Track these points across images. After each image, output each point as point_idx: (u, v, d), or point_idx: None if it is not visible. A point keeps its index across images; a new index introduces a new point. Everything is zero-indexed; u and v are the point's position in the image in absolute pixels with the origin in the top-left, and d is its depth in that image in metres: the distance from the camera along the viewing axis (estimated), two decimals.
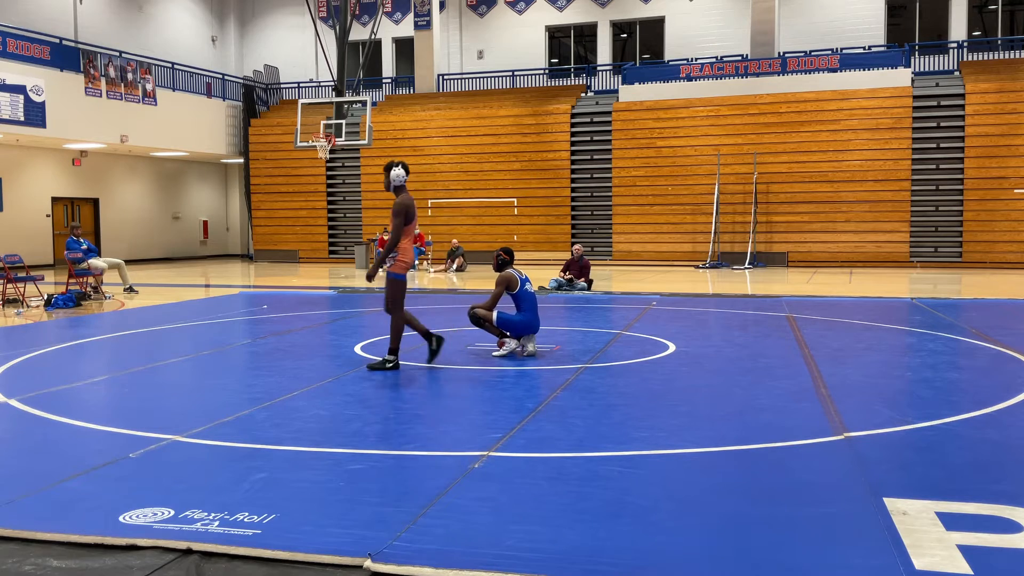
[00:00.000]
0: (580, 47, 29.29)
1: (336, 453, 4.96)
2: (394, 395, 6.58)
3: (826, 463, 4.69)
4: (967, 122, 21.62)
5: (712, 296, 14.88)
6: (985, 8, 25.59)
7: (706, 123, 23.56)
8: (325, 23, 27.68)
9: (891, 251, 21.98)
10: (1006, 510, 3.83)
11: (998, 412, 5.81)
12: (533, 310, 8.30)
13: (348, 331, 10.81)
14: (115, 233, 27.02)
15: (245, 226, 31.14)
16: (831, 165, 22.46)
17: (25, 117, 20.65)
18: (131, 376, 7.57)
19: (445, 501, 4.02)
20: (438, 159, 25.61)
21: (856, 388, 6.67)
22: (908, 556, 3.34)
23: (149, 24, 28.36)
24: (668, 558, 3.39)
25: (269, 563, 3.38)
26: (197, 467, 4.71)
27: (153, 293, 15.78)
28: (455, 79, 28.69)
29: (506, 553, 3.40)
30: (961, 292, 15.35)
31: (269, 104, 29.74)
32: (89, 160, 26.20)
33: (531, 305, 8.30)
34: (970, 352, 8.61)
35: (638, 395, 6.59)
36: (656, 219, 23.73)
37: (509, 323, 8.24)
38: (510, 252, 8.54)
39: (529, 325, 8.27)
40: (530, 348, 8.26)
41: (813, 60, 23.46)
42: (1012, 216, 21.17)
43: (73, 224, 18.91)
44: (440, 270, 21.99)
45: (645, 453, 4.89)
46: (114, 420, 5.79)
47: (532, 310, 8.29)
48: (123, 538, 3.58)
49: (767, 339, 9.48)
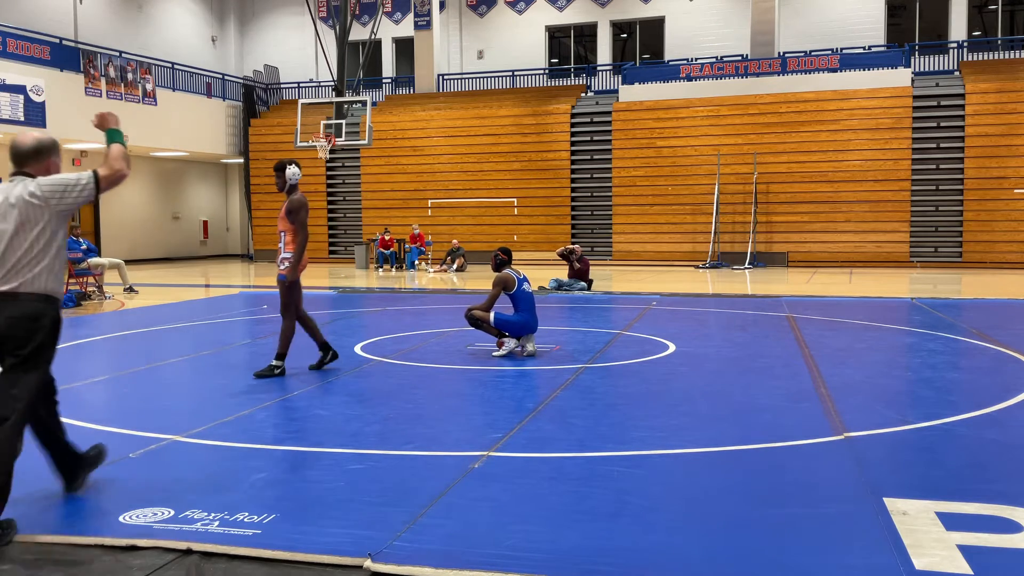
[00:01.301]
0: (580, 47, 29.29)
1: (336, 453, 4.96)
2: (394, 395, 6.58)
3: (826, 463, 4.69)
4: (967, 122, 21.62)
5: (712, 296, 14.88)
6: (985, 8, 25.59)
7: (706, 123, 23.56)
8: (325, 23, 27.68)
9: (891, 251, 21.98)
10: (1006, 510, 3.83)
11: (998, 412, 5.81)
12: (531, 310, 8.29)
13: (348, 331, 10.80)
14: (115, 233, 27.01)
15: (245, 226, 31.14)
16: (831, 165, 22.46)
17: (25, 117, 20.65)
18: (131, 376, 7.57)
19: (445, 501, 4.02)
20: (438, 159, 25.61)
21: (856, 388, 6.67)
22: (908, 556, 3.34)
23: (149, 24, 28.36)
24: (668, 558, 3.39)
25: (269, 563, 3.38)
26: (197, 467, 4.71)
27: (153, 293, 15.78)
28: (455, 79, 28.69)
29: (506, 553, 3.40)
30: (961, 292, 15.35)
31: (269, 104, 29.74)
32: (89, 160, 26.18)
33: (529, 305, 8.29)
34: (970, 352, 8.61)
35: (638, 395, 6.59)
36: (656, 219, 23.73)
37: (507, 323, 8.23)
38: (508, 252, 8.52)
39: (527, 325, 8.27)
40: (529, 348, 8.26)
41: (813, 60, 23.45)
42: (1012, 216, 21.17)
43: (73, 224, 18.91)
44: (440, 270, 21.99)
45: (645, 453, 4.89)
46: (114, 420, 5.79)
47: (530, 310, 8.29)
48: (123, 538, 3.58)
49: (767, 339, 9.48)
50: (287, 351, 7.34)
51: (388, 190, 25.60)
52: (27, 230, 3.73)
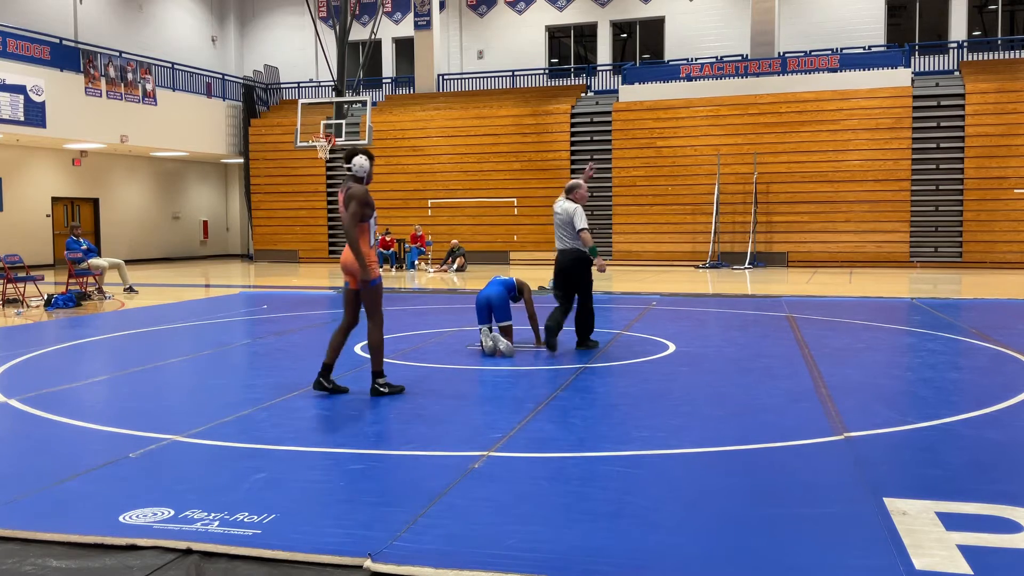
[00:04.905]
0: (580, 47, 29.29)
1: (336, 453, 4.96)
2: (394, 395, 6.57)
3: (826, 463, 4.69)
4: (967, 122, 21.61)
5: (712, 296, 14.88)
6: (985, 8, 25.59)
7: (706, 123, 23.56)
8: (325, 23, 27.67)
9: (891, 251, 21.98)
10: (1006, 510, 3.82)
11: (998, 412, 5.81)
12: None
13: None
14: (115, 233, 27.02)
15: (245, 226, 31.13)
16: (831, 165, 22.46)
17: (25, 117, 20.65)
18: (131, 376, 7.56)
19: (445, 501, 4.02)
20: (438, 159, 25.60)
21: (856, 388, 6.66)
22: (908, 556, 3.33)
23: (149, 24, 28.36)
24: (668, 558, 3.38)
25: (269, 563, 3.38)
26: (197, 467, 4.71)
27: (153, 293, 15.78)
28: (455, 79, 28.68)
29: (506, 553, 3.40)
30: (961, 292, 15.35)
31: (269, 104, 29.74)
32: (89, 160, 26.20)
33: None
34: (970, 352, 8.61)
35: (638, 395, 6.59)
36: (656, 219, 23.72)
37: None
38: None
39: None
40: (500, 347, 8.37)
41: (813, 60, 23.45)
42: (1012, 216, 21.17)
43: (73, 224, 18.92)
44: (440, 270, 21.99)
45: (645, 453, 4.89)
46: (114, 420, 5.79)
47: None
48: (123, 538, 3.58)
49: (767, 339, 9.48)
50: (381, 364, 6.62)
51: (388, 190, 25.60)
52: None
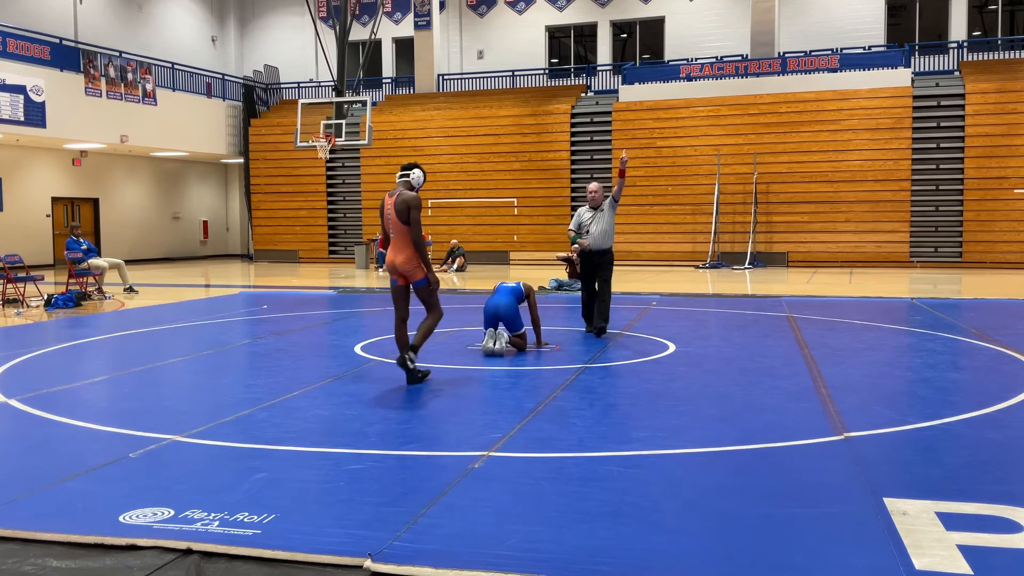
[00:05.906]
0: (580, 47, 29.28)
1: (336, 453, 4.96)
2: (394, 395, 6.57)
3: (826, 463, 4.69)
4: (967, 122, 21.61)
5: (712, 296, 14.88)
6: (985, 8, 25.58)
7: (706, 123, 23.55)
8: (325, 23, 27.67)
9: (891, 251, 21.98)
10: (1006, 510, 3.83)
11: (998, 412, 5.81)
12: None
13: (348, 331, 10.81)
14: (115, 233, 27.02)
15: (245, 226, 31.14)
16: (831, 165, 22.45)
17: (25, 117, 20.65)
18: (131, 376, 7.57)
19: (445, 501, 4.02)
20: (438, 159, 25.59)
21: (856, 388, 6.66)
22: (908, 556, 3.33)
23: (149, 24, 28.36)
24: (668, 558, 3.39)
25: (269, 563, 3.38)
26: (197, 467, 4.71)
27: (153, 293, 15.78)
28: (455, 79, 28.68)
29: (506, 553, 3.40)
30: (961, 292, 15.34)
31: (269, 104, 29.74)
32: (89, 160, 26.19)
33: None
34: (970, 352, 8.61)
35: (638, 395, 6.59)
36: (656, 219, 23.72)
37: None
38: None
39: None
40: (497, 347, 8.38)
41: (813, 60, 23.44)
42: (1012, 216, 21.16)
43: (73, 224, 18.91)
44: (440, 270, 21.98)
45: (645, 453, 4.89)
46: (114, 420, 5.79)
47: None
48: (123, 538, 3.58)
49: (767, 339, 9.48)
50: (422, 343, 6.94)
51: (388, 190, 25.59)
52: None
